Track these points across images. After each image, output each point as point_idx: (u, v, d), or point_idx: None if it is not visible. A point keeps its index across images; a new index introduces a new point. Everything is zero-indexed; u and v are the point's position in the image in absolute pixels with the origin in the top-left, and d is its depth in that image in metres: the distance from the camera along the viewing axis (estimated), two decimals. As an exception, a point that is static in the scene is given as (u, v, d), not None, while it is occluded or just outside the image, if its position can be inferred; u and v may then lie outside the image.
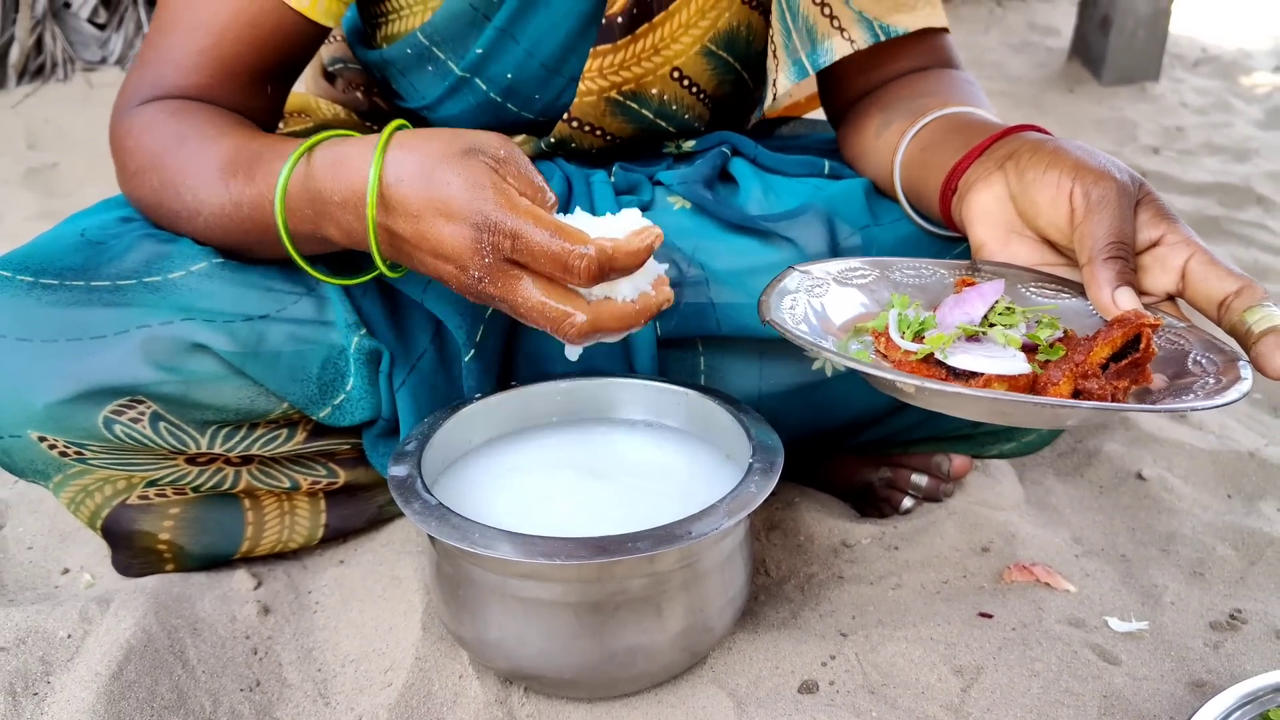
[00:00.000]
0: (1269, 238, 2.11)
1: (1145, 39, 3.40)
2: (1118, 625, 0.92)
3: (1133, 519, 1.10)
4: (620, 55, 1.02)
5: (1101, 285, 0.70)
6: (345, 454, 1.00)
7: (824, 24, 1.00)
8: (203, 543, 0.97)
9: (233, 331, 0.84)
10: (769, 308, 0.74)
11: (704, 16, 1.03)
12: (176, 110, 0.90)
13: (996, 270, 0.79)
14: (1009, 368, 0.66)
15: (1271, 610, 0.95)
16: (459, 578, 0.80)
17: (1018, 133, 0.84)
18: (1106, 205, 0.72)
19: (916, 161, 0.93)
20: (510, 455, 0.92)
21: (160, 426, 0.86)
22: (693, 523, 0.74)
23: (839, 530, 1.07)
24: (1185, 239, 0.72)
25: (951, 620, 0.91)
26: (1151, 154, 2.83)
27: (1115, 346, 0.66)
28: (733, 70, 1.09)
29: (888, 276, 0.81)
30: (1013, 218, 0.80)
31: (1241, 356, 0.67)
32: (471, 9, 0.98)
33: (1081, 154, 0.76)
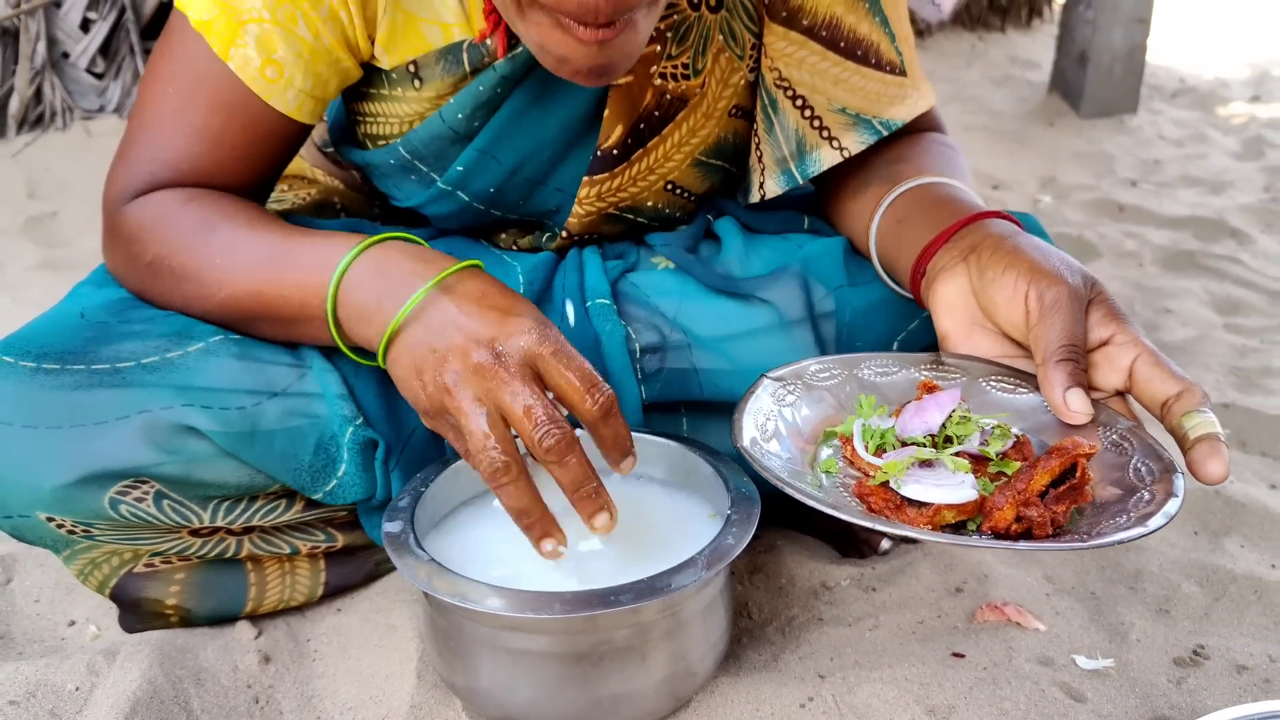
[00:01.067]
0: (1241, 271, 2.16)
1: (1122, 73, 3.47)
2: (1085, 663, 0.96)
3: (1103, 557, 1.14)
4: (616, 181, 1.05)
5: (1054, 386, 0.75)
6: (343, 519, 1.03)
7: (813, 136, 1.03)
8: (208, 605, 1.01)
9: (227, 419, 0.87)
10: (742, 431, 0.78)
11: (695, 135, 1.06)
12: (192, 197, 0.93)
13: (959, 363, 0.84)
14: (957, 496, 0.71)
15: (1233, 645, 0.99)
16: (451, 629, 0.84)
17: (983, 220, 0.89)
18: (1059, 309, 0.76)
19: (891, 233, 0.97)
20: (497, 510, 0.95)
21: (164, 504, 0.89)
22: (672, 575, 0.78)
23: (819, 572, 1.11)
24: (1133, 339, 0.76)
25: (925, 660, 0.95)
26: (1129, 187, 2.89)
27: (1054, 474, 0.71)
28: (721, 170, 1.12)
29: (855, 376, 0.86)
30: (975, 311, 0.85)
31: (1177, 468, 0.72)
32: (451, 131, 1.00)
33: (1037, 255, 0.80)
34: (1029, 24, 4.73)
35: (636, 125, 1.03)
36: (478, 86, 0.97)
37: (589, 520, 0.79)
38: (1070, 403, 0.75)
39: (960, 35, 4.46)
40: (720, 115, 1.06)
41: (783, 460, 0.77)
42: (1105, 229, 2.48)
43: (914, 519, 0.71)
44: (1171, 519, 0.67)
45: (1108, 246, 2.35)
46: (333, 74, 0.96)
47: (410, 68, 0.97)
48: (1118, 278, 2.15)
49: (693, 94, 1.03)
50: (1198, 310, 1.97)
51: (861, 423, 0.79)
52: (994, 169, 2.97)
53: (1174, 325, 1.89)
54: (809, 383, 0.85)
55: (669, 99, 1.02)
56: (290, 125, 0.96)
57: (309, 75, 0.93)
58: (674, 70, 1.01)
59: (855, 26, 1.01)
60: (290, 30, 0.91)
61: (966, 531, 0.72)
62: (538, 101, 0.99)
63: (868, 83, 1.03)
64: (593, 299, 1.03)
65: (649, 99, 1.02)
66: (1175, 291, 2.07)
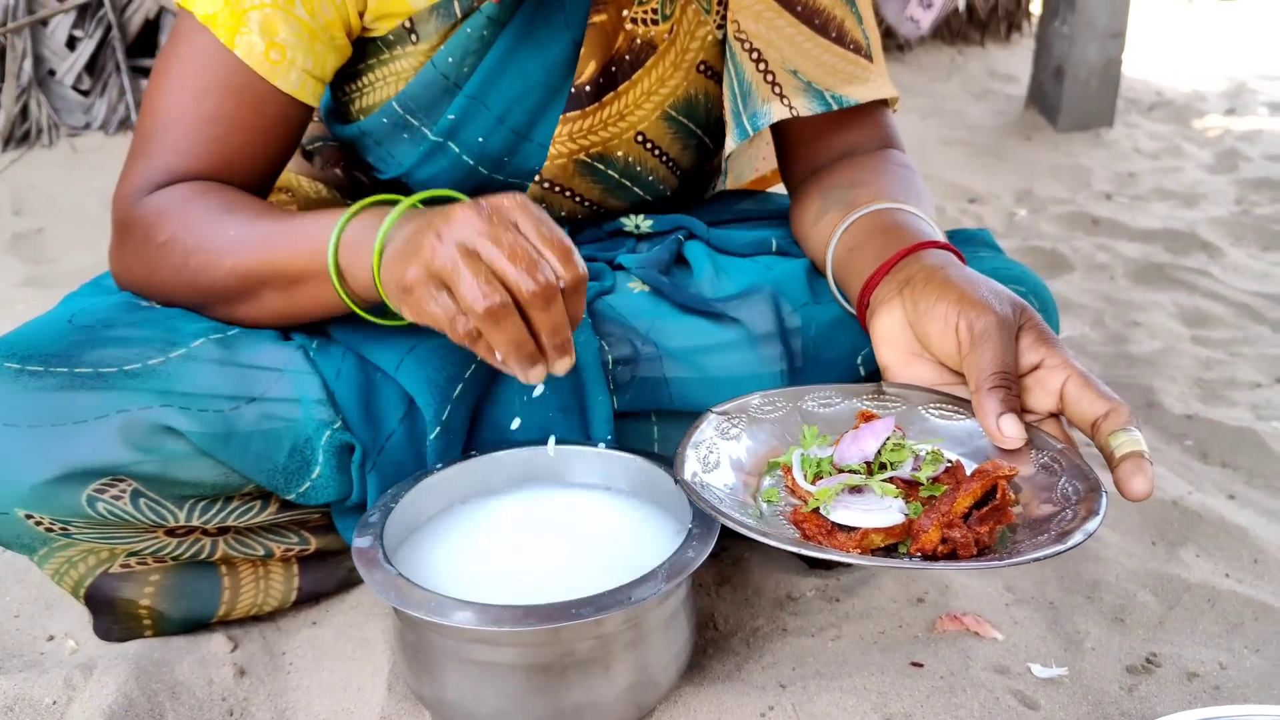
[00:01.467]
0: (1210, 284, 2.20)
1: (1098, 87, 3.52)
2: (1040, 671, 0.98)
3: (1062, 567, 1.17)
4: (588, 121, 1.10)
5: (987, 413, 0.78)
6: (316, 522, 1.06)
7: (765, 89, 1.08)
8: (181, 608, 1.03)
9: (205, 420, 0.90)
10: (683, 464, 0.81)
11: (664, 84, 1.11)
12: (207, 189, 0.98)
13: (900, 392, 0.87)
14: (884, 520, 0.74)
15: (1185, 653, 1.02)
16: (419, 642, 0.86)
17: (921, 251, 0.92)
18: (989, 338, 0.79)
19: (843, 261, 1.01)
20: (469, 522, 0.98)
21: (140, 503, 0.91)
22: (633, 588, 0.81)
23: (785, 583, 1.13)
24: (1063, 362, 0.79)
25: (885, 670, 0.98)
26: (1104, 200, 2.93)
27: (976, 497, 0.73)
28: (695, 136, 1.17)
29: (799, 407, 0.89)
30: (913, 341, 0.88)
31: (1101, 487, 0.75)
32: (443, 77, 1.06)
33: (966, 286, 0.83)
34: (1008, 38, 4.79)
35: (608, 67, 1.08)
36: (466, 29, 1.03)
37: (556, 364, 0.81)
38: (1003, 428, 0.77)
39: (940, 49, 4.51)
40: (688, 68, 1.12)
41: (724, 490, 0.80)
42: (1079, 242, 2.52)
43: (844, 543, 0.73)
44: (1090, 535, 0.70)
45: (1080, 260, 2.39)
46: (329, 52, 1.01)
47: (406, 24, 1.03)
48: (1089, 291, 2.19)
49: (660, 40, 1.09)
50: (1166, 323, 2.00)
51: (800, 453, 0.81)
52: (971, 183, 3.02)
53: (1142, 338, 1.92)
54: (754, 416, 0.88)
55: (639, 43, 1.09)
56: (295, 106, 1.01)
57: (309, 55, 0.99)
58: (644, 15, 1.08)
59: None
60: (289, 12, 0.96)
61: (898, 554, 0.74)
62: (522, 44, 1.05)
63: (824, 54, 1.09)
64: None
65: (621, 42, 1.08)
66: (1145, 304, 2.10)
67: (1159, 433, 1.55)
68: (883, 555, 0.74)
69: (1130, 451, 0.73)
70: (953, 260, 0.91)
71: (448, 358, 0.99)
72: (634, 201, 1.22)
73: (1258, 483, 1.39)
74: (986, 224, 2.72)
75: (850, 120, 1.15)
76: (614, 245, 1.20)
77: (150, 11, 3.06)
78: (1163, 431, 1.55)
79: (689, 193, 1.34)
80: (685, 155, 1.20)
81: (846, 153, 1.15)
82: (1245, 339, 1.93)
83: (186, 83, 0.98)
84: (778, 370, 1.04)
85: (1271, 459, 1.42)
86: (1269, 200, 2.90)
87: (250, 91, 0.98)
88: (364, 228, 0.88)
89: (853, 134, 1.15)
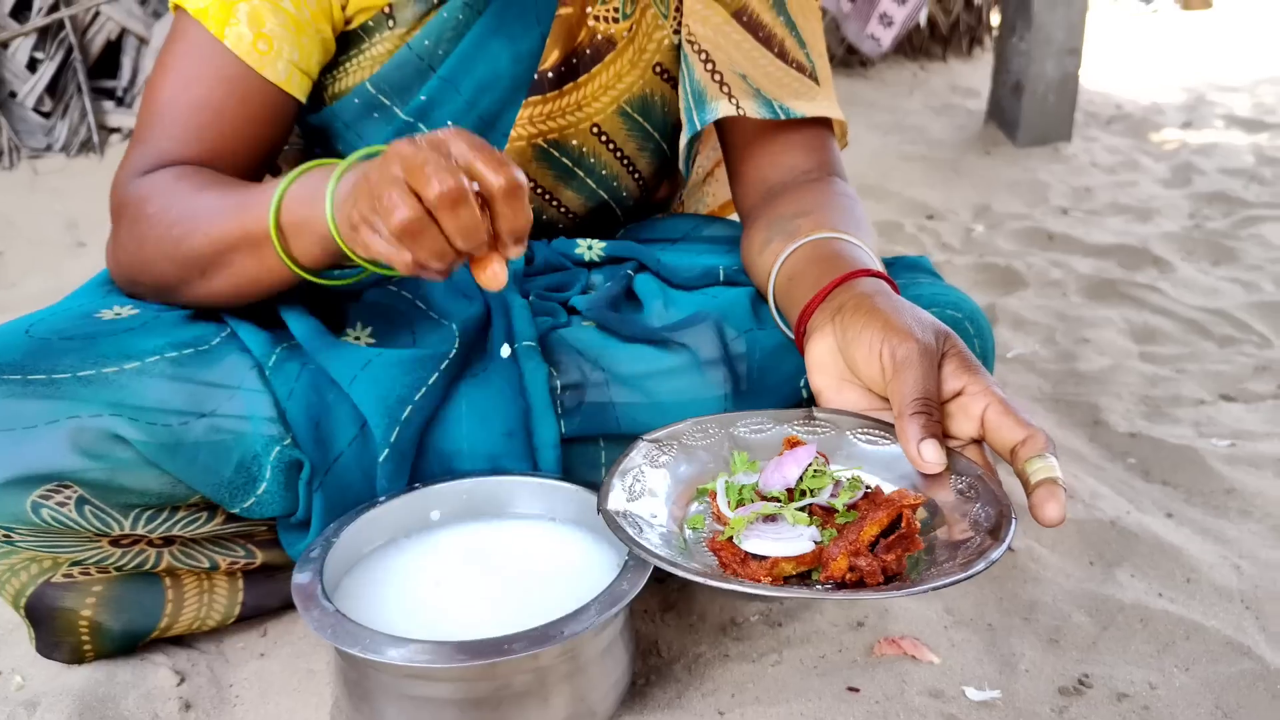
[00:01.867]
0: (1160, 299, 2.24)
1: (1056, 102, 3.57)
2: (974, 694, 1.01)
3: (1001, 589, 1.20)
4: (548, 107, 1.17)
5: (909, 439, 0.80)
6: (263, 536, 1.07)
7: (713, 88, 1.15)
8: (123, 620, 1.03)
9: (153, 431, 0.91)
10: (607, 494, 0.82)
11: (620, 80, 1.19)
12: (193, 170, 1.03)
13: (830, 418, 0.89)
14: (794, 549, 0.75)
15: (1116, 673, 1.05)
16: (359, 678, 0.87)
17: (855, 279, 0.94)
18: (910, 364, 0.81)
19: (784, 290, 1.03)
20: (411, 556, 1.00)
21: (85, 510, 0.92)
22: (567, 623, 0.82)
23: (729, 608, 1.15)
24: (984, 389, 0.81)
25: (822, 695, 1.00)
26: (1060, 215, 2.97)
27: (882, 525, 0.75)
28: (651, 138, 1.23)
29: (731, 434, 0.90)
30: (843, 368, 0.90)
31: (1011, 514, 0.76)
32: (418, 59, 1.12)
33: (891, 314, 0.85)
34: (969, 52, 4.85)
35: (570, 57, 1.16)
36: (443, 14, 1.10)
37: (483, 274, 0.82)
38: (924, 453, 0.79)
39: (902, 64, 4.56)
40: (645, 67, 1.20)
41: (648, 519, 0.81)
42: (1033, 258, 2.56)
43: (755, 571, 0.75)
44: (993, 563, 0.71)
45: (1034, 276, 2.42)
46: (315, 45, 1.07)
47: (385, 10, 1.10)
48: (1041, 307, 2.23)
49: (620, 38, 1.17)
50: (1115, 339, 2.04)
51: (725, 480, 0.83)
52: (930, 199, 3.05)
53: (1091, 354, 1.96)
54: (685, 443, 0.90)
55: (600, 38, 1.16)
56: (282, 97, 1.07)
57: (295, 47, 1.05)
58: (606, 13, 1.16)
59: (759, 12, 1.17)
60: (277, 5, 1.03)
61: (810, 581, 0.76)
62: (495, 32, 1.12)
63: (770, 66, 1.17)
64: (520, 341, 1.08)
65: (583, 36, 1.16)
66: (1095, 321, 2.14)
67: (1103, 451, 1.58)
68: (797, 582, 0.76)
69: (1044, 478, 0.75)
70: (883, 288, 0.93)
71: (399, 378, 1.00)
72: (587, 196, 1.26)
73: (1196, 500, 1.42)
74: (944, 240, 2.75)
75: (795, 143, 1.19)
76: (569, 278, 1.22)
77: (112, 33, 3.05)
78: (1107, 450, 1.58)
79: (648, 207, 1.36)
80: (642, 158, 1.25)
81: (791, 176, 1.18)
82: (1192, 355, 1.96)
83: (179, 73, 1.04)
84: (722, 394, 1.06)
85: (1210, 477, 1.45)
86: (1221, 214, 2.95)
87: (239, 81, 1.03)
88: (314, 183, 0.91)
89: (797, 156, 1.19)
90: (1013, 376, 1.86)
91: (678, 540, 0.80)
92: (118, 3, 3.03)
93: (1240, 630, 1.11)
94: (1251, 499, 1.39)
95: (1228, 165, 3.50)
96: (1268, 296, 2.22)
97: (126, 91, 3.11)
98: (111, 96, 3.11)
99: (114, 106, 3.07)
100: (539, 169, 1.21)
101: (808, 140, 1.19)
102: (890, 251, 2.58)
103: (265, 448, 0.96)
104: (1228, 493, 1.41)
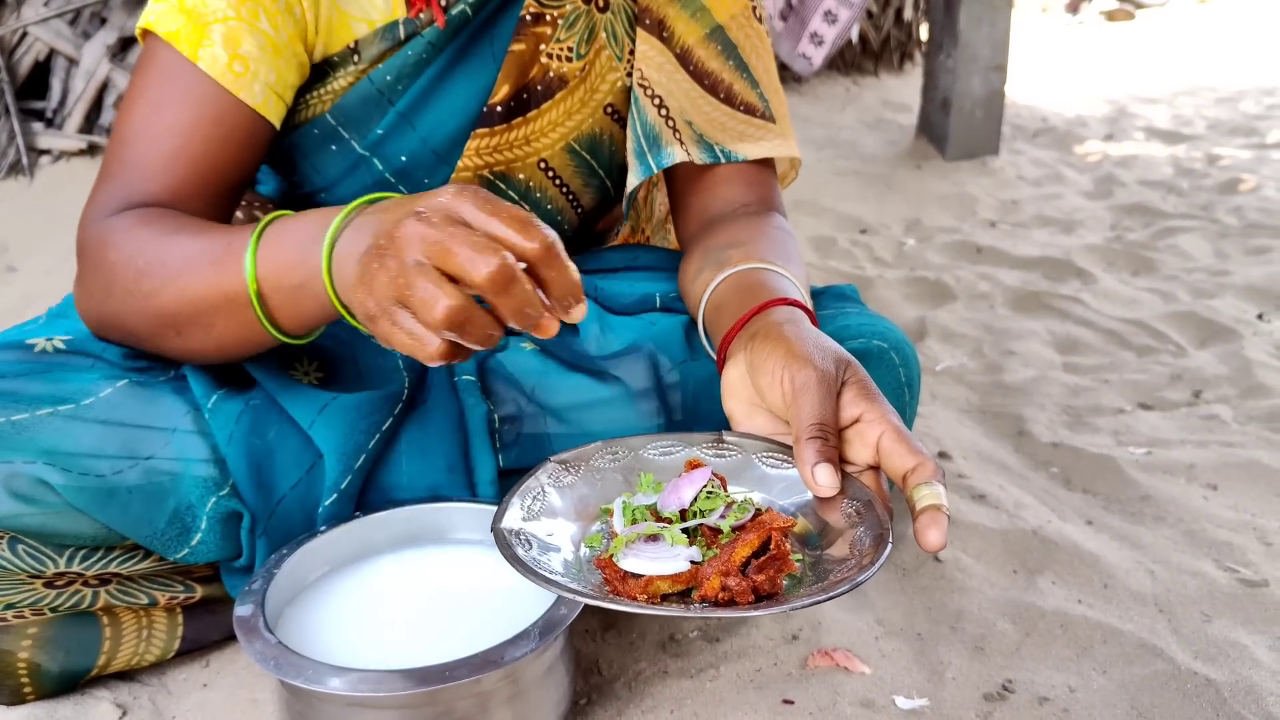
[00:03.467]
0: (1082, 311, 2.32)
1: (983, 117, 3.67)
2: (902, 703, 1.05)
3: (929, 599, 1.24)
4: (495, 140, 1.18)
5: (804, 463, 0.82)
6: (201, 571, 1.07)
7: (667, 133, 1.18)
8: (60, 660, 1.03)
9: (84, 481, 0.91)
10: (503, 513, 0.84)
11: (570, 117, 1.20)
12: (157, 214, 0.98)
13: (738, 442, 0.92)
14: (669, 568, 0.78)
15: (1038, 678, 1.09)
16: (303, 707, 0.89)
17: (772, 307, 0.97)
18: (808, 391, 0.84)
19: (711, 318, 1.06)
20: (352, 584, 1.01)
21: (19, 549, 0.92)
22: (506, 648, 0.84)
23: (668, 625, 1.18)
24: (880, 416, 0.84)
25: (758, 708, 1.03)
26: (989, 228, 3.06)
27: (753, 547, 0.78)
28: (596, 175, 1.25)
29: (640, 455, 0.93)
30: (753, 393, 0.93)
31: (888, 540, 0.78)
32: (378, 93, 1.12)
33: (796, 342, 0.87)
34: (900, 67, 4.95)
35: (520, 92, 1.16)
36: (407, 51, 1.10)
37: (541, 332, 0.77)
38: (817, 476, 0.81)
39: (835, 80, 4.65)
40: (595, 107, 1.21)
41: (543, 538, 0.83)
42: (962, 271, 2.63)
43: (631, 589, 0.77)
44: (857, 586, 0.73)
45: (963, 289, 2.49)
46: (290, 69, 1.05)
47: (351, 45, 1.09)
48: (970, 320, 2.29)
49: (573, 77, 1.18)
50: (1040, 350, 2.11)
51: (622, 500, 0.85)
52: (863, 213, 3.12)
53: (1016, 366, 2.02)
54: (593, 464, 0.92)
55: (552, 76, 1.17)
56: (257, 122, 1.03)
57: (272, 69, 1.02)
58: (560, 51, 1.17)
59: (706, 60, 1.20)
60: (254, 25, 1.00)
61: (689, 600, 0.79)
62: (453, 69, 1.13)
63: (714, 111, 1.20)
64: (460, 374, 1.10)
65: (536, 72, 1.16)
66: (1021, 332, 2.21)
67: (1027, 460, 1.63)
68: (676, 600, 0.78)
69: (928, 505, 0.78)
70: (796, 316, 0.96)
71: (356, 423, 1.02)
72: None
73: (1114, 508, 1.48)
74: (876, 254, 2.82)
75: (736, 178, 1.22)
76: None
77: (40, 54, 3.01)
78: (1030, 459, 1.64)
79: (590, 236, 1.39)
80: (586, 193, 1.26)
81: (731, 209, 1.22)
82: (1112, 365, 2.04)
83: (148, 98, 1.00)
84: (655, 425, 1.09)
85: (1128, 484, 1.51)
86: (1141, 225, 3.05)
87: (212, 103, 1.00)
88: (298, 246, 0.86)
89: (737, 190, 1.22)
90: (942, 389, 1.92)
91: (572, 559, 0.83)
92: (46, 23, 2.99)
93: (1154, 633, 1.16)
94: (1165, 505, 1.45)
95: (1147, 177, 3.63)
96: (1183, 306, 2.31)
97: (56, 113, 3.06)
98: (40, 118, 3.07)
99: (43, 128, 3.03)
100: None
101: (749, 176, 1.23)
102: (825, 267, 2.64)
103: (200, 498, 0.96)
104: (1143, 499, 1.47)
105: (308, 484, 1.03)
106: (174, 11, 1.00)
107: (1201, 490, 1.51)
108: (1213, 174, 3.60)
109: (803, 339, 0.88)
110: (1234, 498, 1.49)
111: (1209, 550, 1.34)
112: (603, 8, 1.18)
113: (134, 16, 3.06)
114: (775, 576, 0.77)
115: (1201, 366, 1.99)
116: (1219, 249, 2.79)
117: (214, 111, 1.00)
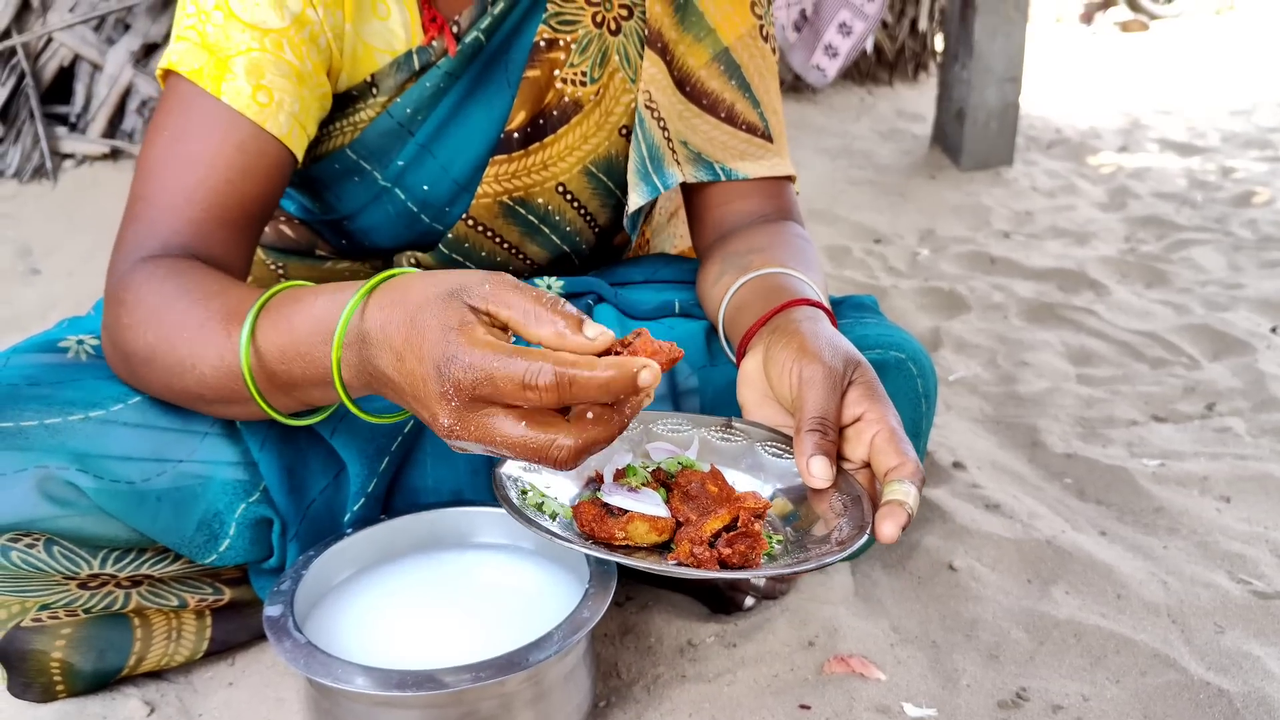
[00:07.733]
0: (1095, 323, 2.33)
1: (997, 129, 3.68)
2: (912, 711, 1.06)
3: (944, 607, 1.25)
4: (514, 166, 1.19)
5: (801, 453, 0.84)
6: (230, 573, 1.10)
7: (669, 155, 1.19)
8: (92, 660, 1.05)
9: (115, 489, 0.93)
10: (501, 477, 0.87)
11: (586, 141, 1.21)
12: (172, 269, 0.95)
13: (746, 429, 0.95)
14: (649, 510, 0.83)
15: (1052, 687, 1.11)
16: (329, 704, 0.90)
17: (793, 307, 0.99)
18: (814, 385, 0.86)
19: (732, 319, 1.08)
20: (378, 586, 1.03)
21: (54, 551, 0.95)
22: (530, 651, 0.86)
23: (686, 630, 1.20)
24: (879, 417, 0.86)
25: (776, 713, 1.04)
26: (1002, 239, 3.07)
27: (724, 522, 0.82)
28: (613, 195, 1.26)
29: (650, 429, 0.96)
30: (766, 385, 0.95)
31: (864, 534, 0.81)
32: (398, 126, 1.14)
33: (809, 339, 0.90)
34: (915, 78, 4.96)
35: (537, 118, 1.18)
36: (425, 83, 1.12)
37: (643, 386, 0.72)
38: (812, 468, 0.83)
39: (850, 90, 4.67)
40: (611, 130, 1.22)
41: (541, 487, 0.88)
42: (976, 282, 2.64)
43: (610, 527, 0.81)
44: (823, 566, 0.78)
45: (977, 299, 2.50)
46: (314, 100, 1.06)
47: (369, 80, 1.11)
48: (984, 330, 2.30)
49: (587, 101, 1.19)
50: (1053, 362, 2.12)
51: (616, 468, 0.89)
52: (877, 223, 3.13)
53: (1030, 377, 2.03)
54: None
55: (567, 101, 1.19)
56: (280, 151, 1.02)
57: (296, 99, 1.02)
58: (574, 76, 1.18)
59: (707, 80, 1.21)
60: (278, 55, 1.01)
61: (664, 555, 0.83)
62: (469, 98, 1.15)
63: (714, 131, 1.21)
64: None
65: (551, 98, 1.18)
66: (1035, 344, 2.22)
67: (1041, 471, 1.65)
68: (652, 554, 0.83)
69: (893, 499, 0.80)
70: (814, 316, 0.98)
71: (377, 428, 1.04)
72: (551, 250, 1.29)
73: (1127, 519, 1.49)
74: (891, 264, 2.83)
75: (751, 192, 1.24)
76: None
77: (65, 59, 3.05)
78: (1045, 470, 1.65)
79: (606, 252, 1.41)
80: (603, 212, 1.28)
81: (748, 220, 1.24)
82: (1125, 377, 2.05)
83: (170, 132, 0.99)
84: None
85: (1141, 495, 1.52)
86: (1154, 237, 3.06)
87: (234, 131, 0.99)
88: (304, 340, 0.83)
89: (754, 203, 1.24)
90: (956, 399, 1.93)
91: (563, 510, 0.87)
92: (70, 29, 3.02)
93: (1167, 643, 1.17)
94: (1178, 517, 1.46)
95: (1161, 189, 3.63)
96: (1196, 319, 2.32)
97: (79, 118, 3.10)
98: (64, 122, 3.11)
99: (67, 132, 3.07)
100: (505, 225, 1.24)
101: (766, 189, 1.24)
102: (839, 276, 2.65)
103: (229, 504, 0.98)
104: (1156, 511, 1.48)
105: (335, 488, 1.05)
106: (196, 49, 0.99)
107: (1214, 502, 1.52)
108: (1226, 187, 3.60)
109: (817, 336, 0.90)
110: (1247, 510, 1.50)
111: (1222, 562, 1.35)
112: (615, 31, 1.19)
113: (158, 23, 3.10)
114: (746, 553, 0.80)
115: (1215, 379, 1.99)
116: (1233, 262, 2.80)
117: (237, 139, 0.99)
